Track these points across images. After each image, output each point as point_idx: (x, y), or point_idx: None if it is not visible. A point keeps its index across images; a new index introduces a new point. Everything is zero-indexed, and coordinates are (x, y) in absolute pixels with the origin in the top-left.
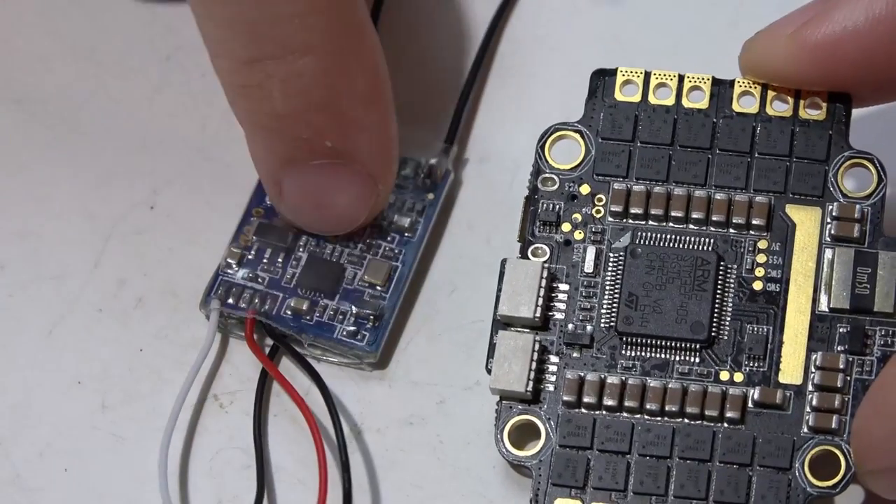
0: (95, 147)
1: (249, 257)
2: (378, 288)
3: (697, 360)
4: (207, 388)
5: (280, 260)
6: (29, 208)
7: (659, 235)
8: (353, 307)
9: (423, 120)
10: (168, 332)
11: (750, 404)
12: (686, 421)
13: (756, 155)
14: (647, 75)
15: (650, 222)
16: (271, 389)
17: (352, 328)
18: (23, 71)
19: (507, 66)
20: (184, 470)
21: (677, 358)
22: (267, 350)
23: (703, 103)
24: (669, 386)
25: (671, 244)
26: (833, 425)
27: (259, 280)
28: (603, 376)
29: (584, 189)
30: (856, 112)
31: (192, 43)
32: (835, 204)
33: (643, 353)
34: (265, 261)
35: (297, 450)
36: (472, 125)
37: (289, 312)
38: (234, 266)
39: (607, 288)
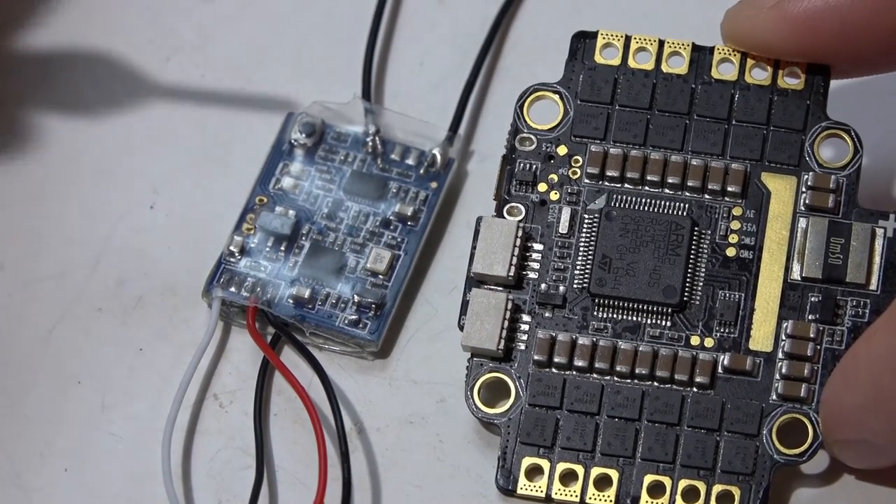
0: (95, 147)
1: (252, 245)
2: (380, 277)
3: (669, 324)
4: (207, 388)
5: (282, 248)
6: (29, 208)
7: (634, 199)
8: (355, 296)
9: (428, 112)
10: (168, 331)
11: (720, 370)
12: (655, 384)
13: (733, 122)
14: (628, 39)
15: (626, 185)
16: (271, 388)
17: (353, 317)
18: (22, 70)
19: (511, 65)
20: (184, 470)
21: (649, 321)
22: (268, 339)
23: (683, 69)
24: (640, 349)
25: (646, 208)
26: (802, 394)
27: (261, 268)
28: (574, 337)
29: (562, 150)
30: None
31: (192, 43)
32: (810, 174)
33: (615, 316)
34: (267, 249)
35: (297, 449)
36: (477, 124)
37: (290, 301)
38: (236, 254)
39: (581, 249)
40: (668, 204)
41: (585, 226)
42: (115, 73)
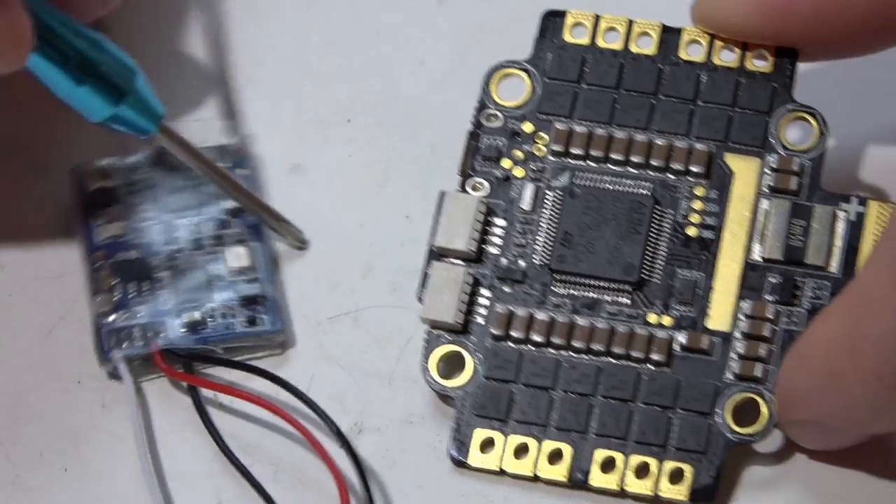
0: None
1: (116, 298)
2: (249, 272)
3: (627, 301)
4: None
5: (146, 288)
6: (29, 208)
7: (598, 177)
8: (238, 299)
9: (428, 111)
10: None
11: (676, 348)
12: (611, 360)
13: (699, 103)
14: (597, 19)
15: (590, 163)
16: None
17: (248, 315)
18: (23, 70)
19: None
20: (184, 470)
21: (607, 298)
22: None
23: (651, 49)
24: (597, 325)
25: (609, 186)
26: (758, 374)
27: (139, 315)
28: (532, 312)
29: (527, 127)
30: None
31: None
32: (774, 155)
33: (574, 292)
34: (132, 295)
35: (298, 449)
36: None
37: (185, 330)
38: (108, 313)
39: (543, 226)
40: (631, 182)
41: (548, 202)
42: None
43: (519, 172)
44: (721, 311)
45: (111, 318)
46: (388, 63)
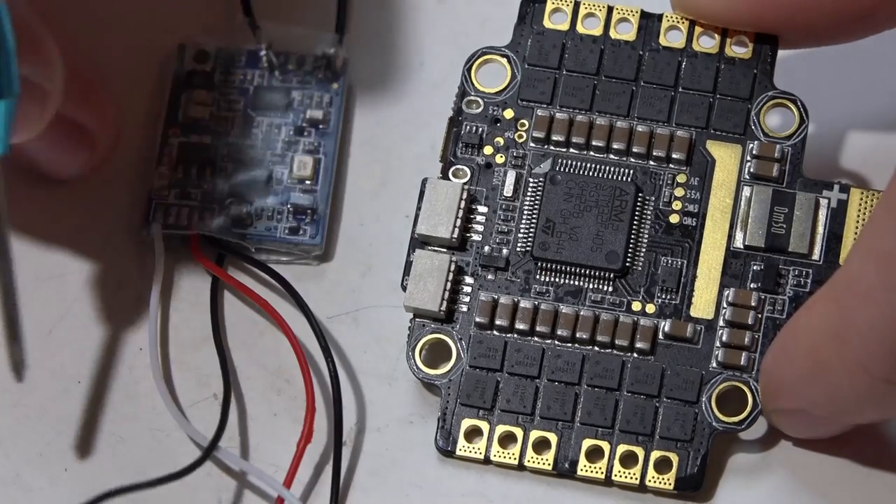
0: None
1: (179, 177)
2: (307, 182)
3: (611, 289)
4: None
5: (207, 174)
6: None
7: (579, 163)
8: (289, 205)
9: (430, 113)
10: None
11: (660, 336)
12: (596, 349)
13: (680, 89)
14: (577, 5)
15: (571, 150)
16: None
17: (292, 224)
18: None
19: None
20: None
21: (591, 286)
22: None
23: (631, 35)
24: (581, 313)
25: (591, 173)
26: (742, 362)
27: (192, 196)
28: (516, 300)
29: (508, 113)
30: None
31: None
32: (755, 142)
33: (557, 280)
34: (193, 177)
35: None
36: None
37: (228, 222)
38: (165, 188)
39: (525, 213)
40: (612, 169)
41: (530, 189)
42: (116, 71)
43: (500, 159)
44: (704, 299)
45: (166, 193)
46: (389, 63)
